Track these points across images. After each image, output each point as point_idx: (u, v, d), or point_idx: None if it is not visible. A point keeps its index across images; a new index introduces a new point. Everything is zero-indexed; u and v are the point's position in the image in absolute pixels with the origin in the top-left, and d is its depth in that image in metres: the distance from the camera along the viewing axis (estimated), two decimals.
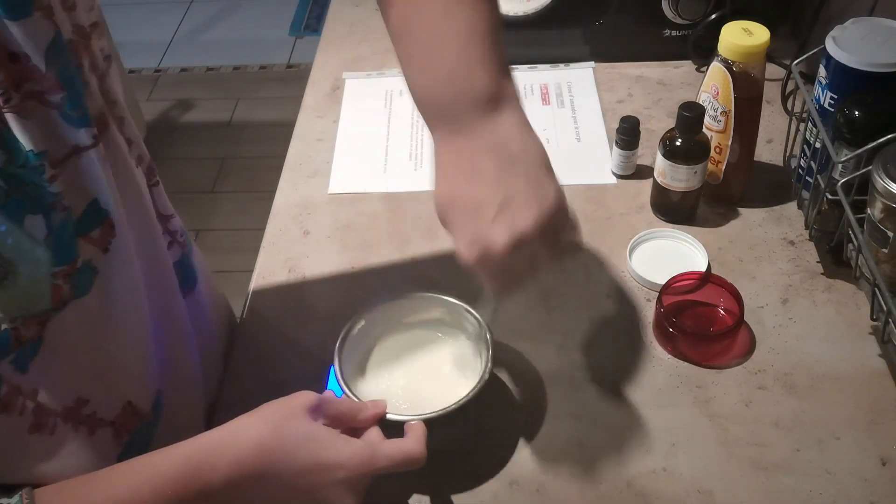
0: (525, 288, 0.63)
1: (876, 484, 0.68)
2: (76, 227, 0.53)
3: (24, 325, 0.50)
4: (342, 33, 1.26)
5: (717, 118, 0.87)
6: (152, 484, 0.53)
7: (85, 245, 0.54)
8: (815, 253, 0.87)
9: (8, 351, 0.49)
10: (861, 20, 0.80)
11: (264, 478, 0.56)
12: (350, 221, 0.95)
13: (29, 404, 0.52)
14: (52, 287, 0.51)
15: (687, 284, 0.82)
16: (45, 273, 0.50)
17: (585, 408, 0.75)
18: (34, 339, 0.51)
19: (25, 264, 0.48)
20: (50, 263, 0.50)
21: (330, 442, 0.59)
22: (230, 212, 2.36)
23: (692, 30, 1.10)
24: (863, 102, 0.76)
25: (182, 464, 0.54)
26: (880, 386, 0.75)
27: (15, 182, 0.48)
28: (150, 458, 0.55)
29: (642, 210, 0.93)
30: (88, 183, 0.54)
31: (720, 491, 0.68)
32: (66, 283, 0.53)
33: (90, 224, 0.54)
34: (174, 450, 0.55)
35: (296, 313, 0.85)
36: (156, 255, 0.66)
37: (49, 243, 0.50)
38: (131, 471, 0.54)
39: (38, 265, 0.49)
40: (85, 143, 0.53)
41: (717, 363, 0.77)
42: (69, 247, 0.52)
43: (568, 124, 1.06)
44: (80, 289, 0.54)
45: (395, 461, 0.60)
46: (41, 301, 0.50)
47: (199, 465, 0.54)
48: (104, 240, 0.56)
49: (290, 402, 0.60)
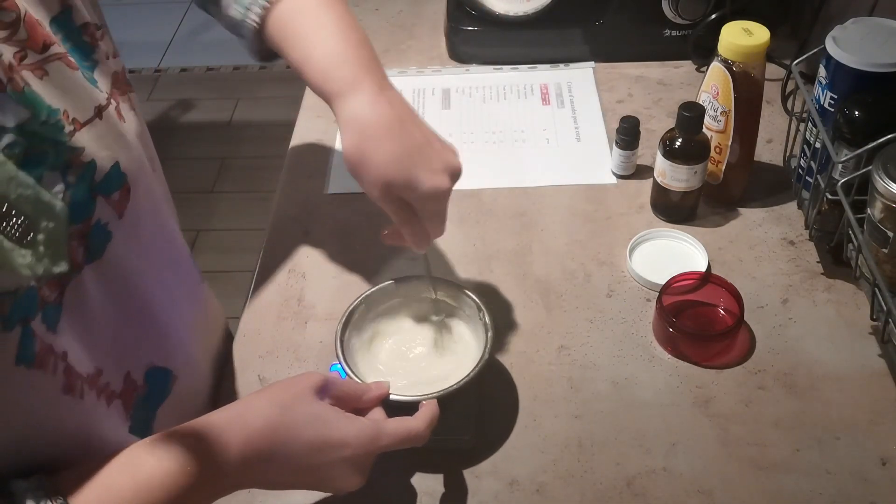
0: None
1: (876, 484, 0.68)
2: (97, 187, 0.55)
3: (47, 287, 0.52)
4: None
5: (717, 118, 0.87)
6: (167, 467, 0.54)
7: (102, 206, 0.56)
8: (815, 253, 0.87)
9: (36, 308, 0.51)
10: (861, 20, 0.80)
11: (273, 456, 0.57)
12: (350, 221, 0.95)
13: (60, 364, 0.53)
14: (70, 248, 0.53)
15: (687, 284, 0.82)
16: (63, 231, 0.51)
17: (585, 408, 0.75)
18: (56, 302, 0.53)
19: (46, 221, 0.50)
20: (67, 220, 0.52)
21: (336, 420, 0.60)
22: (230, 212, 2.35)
23: (692, 30, 1.10)
24: (863, 102, 0.76)
25: (194, 444, 0.55)
26: (880, 386, 0.75)
27: (36, 139, 0.50)
28: (163, 439, 0.55)
29: (642, 210, 0.93)
30: (110, 145, 0.56)
31: (720, 491, 0.68)
32: (81, 245, 0.55)
33: (109, 186, 0.57)
34: (184, 430, 0.56)
35: (296, 313, 0.85)
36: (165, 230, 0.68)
37: (66, 199, 0.52)
38: (147, 453, 0.55)
39: (57, 222, 0.51)
40: (104, 103, 0.57)
41: (717, 363, 0.77)
42: (86, 204, 0.54)
43: (568, 124, 1.06)
44: (93, 252, 0.56)
45: (398, 438, 0.62)
46: (59, 262, 0.51)
47: (210, 444, 0.55)
48: (121, 204, 0.58)
49: (297, 382, 0.62)
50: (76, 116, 0.54)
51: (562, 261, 0.88)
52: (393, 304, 0.76)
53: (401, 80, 1.15)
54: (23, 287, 0.49)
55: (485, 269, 0.88)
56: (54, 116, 0.52)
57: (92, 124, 0.55)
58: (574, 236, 0.91)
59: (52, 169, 0.52)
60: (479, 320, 0.73)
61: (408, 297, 0.76)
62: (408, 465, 0.71)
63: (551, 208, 0.95)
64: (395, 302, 0.76)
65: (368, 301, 0.75)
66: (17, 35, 0.51)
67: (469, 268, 0.88)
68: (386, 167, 0.64)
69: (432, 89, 1.13)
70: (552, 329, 0.82)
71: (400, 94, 0.68)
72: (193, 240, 2.28)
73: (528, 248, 0.90)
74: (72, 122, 0.53)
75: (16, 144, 0.49)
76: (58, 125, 0.52)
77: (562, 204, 0.95)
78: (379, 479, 0.70)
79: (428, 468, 0.71)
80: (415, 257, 0.77)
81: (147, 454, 0.55)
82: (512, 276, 0.87)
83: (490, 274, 0.87)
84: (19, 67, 0.51)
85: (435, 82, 1.15)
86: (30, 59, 0.52)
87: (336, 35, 0.69)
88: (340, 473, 0.60)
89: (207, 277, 0.82)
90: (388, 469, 0.71)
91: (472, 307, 0.74)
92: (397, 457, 0.71)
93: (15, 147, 0.49)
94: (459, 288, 0.75)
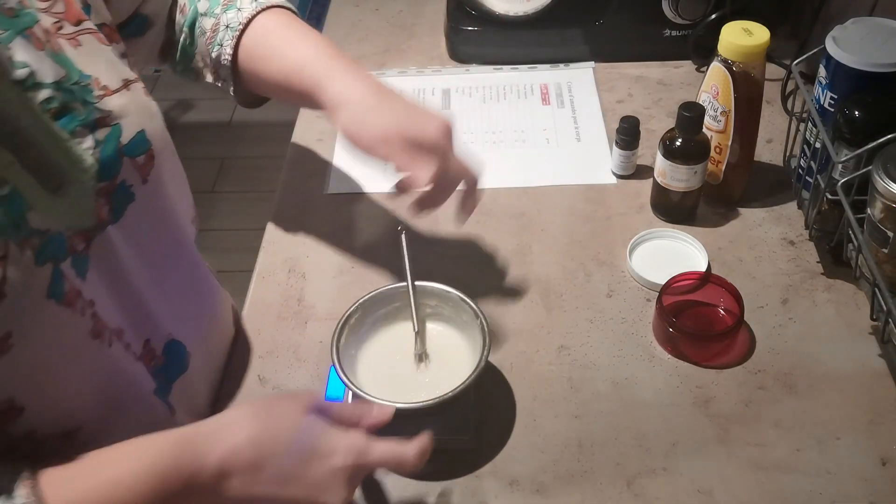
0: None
1: (876, 484, 0.68)
2: (124, 148, 0.59)
3: (76, 237, 0.56)
4: (342, 33, 1.26)
5: (717, 118, 0.87)
6: (147, 462, 0.55)
7: (128, 167, 0.60)
8: (815, 253, 0.87)
9: (65, 252, 0.55)
10: (861, 20, 0.80)
11: (258, 466, 0.57)
12: (350, 221, 0.95)
13: (88, 310, 0.56)
14: (96, 206, 0.57)
15: (687, 284, 0.82)
16: (92, 186, 0.56)
17: (585, 408, 0.75)
18: (84, 253, 0.56)
19: (77, 174, 0.55)
20: (96, 176, 0.57)
21: (323, 431, 0.60)
22: (230, 212, 2.35)
23: (692, 30, 1.10)
24: (863, 102, 0.76)
25: (177, 443, 0.56)
26: (880, 386, 0.75)
27: (69, 97, 0.55)
28: (149, 438, 0.56)
29: (642, 210, 0.93)
30: (136, 114, 0.61)
31: (720, 491, 0.68)
32: (106, 203, 0.58)
33: (135, 149, 0.61)
34: (173, 433, 0.57)
35: (296, 313, 0.85)
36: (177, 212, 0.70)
37: (96, 156, 0.57)
38: (131, 449, 0.56)
39: (87, 176, 0.56)
40: (131, 78, 0.63)
41: (717, 363, 0.77)
42: (113, 163, 0.58)
43: (568, 124, 1.06)
44: (116, 212, 0.60)
45: (388, 455, 0.61)
46: (87, 217, 0.56)
47: (194, 447, 0.56)
48: (146, 168, 0.62)
49: (285, 398, 0.62)
50: (106, 84, 0.59)
51: (562, 261, 0.88)
52: (390, 310, 0.76)
53: (401, 80, 1.15)
54: (53, 230, 0.53)
55: (485, 269, 0.88)
56: (85, 79, 0.57)
57: (120, 93, 0.60)
58: (574, 236, 0.91)
59: (83, 126, 0.56)
60: (476, 324, 0.73)
61: (405, 302, 0.76)
62: None
63: (551, 208, 0.95)
64: (392, 307, 0.76)
65: (365, 306, 0.75)
66: (55, 7, 0.58)
67: (469, 268, 0.88)
68: (387, 124, 0.69)
69: (432, 89, 1.13)
70: (552, 329, 0.82)
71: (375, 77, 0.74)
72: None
73: (528, 248, 0.90)
74: (102, 88, 0.59)
75: (52, 99, 0.54)
76: (88, 88, 0.57)
77: (562, 204, 0.95)
78: (379, 480, 0.71)
79: (428, 469, 0.71)
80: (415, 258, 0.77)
81: (123, 457, 0.55)
82: (512, 276, 0.87)
83: (490, 274, 0.87)
84: (56, 35, 0.57)
85: (435, 82, 1.15)
86: (65, 29, 0.58)
87: (305, 42, 0.75)
88: (329, 484, 0.58)
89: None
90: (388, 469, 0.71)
91: (470, 311, 0.74)
92: None
93: (51, 102, 0.54)
94: (457, 292, 0.75)
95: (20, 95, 0.52)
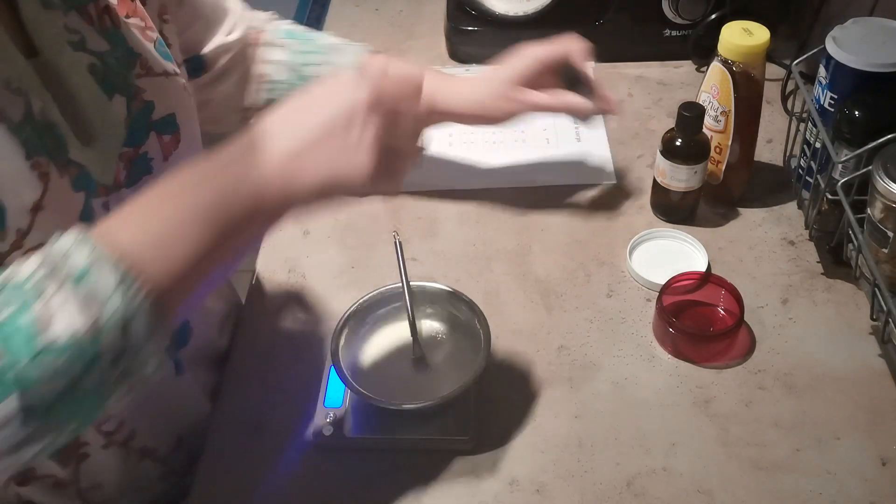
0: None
1: (876, 484, 0.68)
2: (153, 124, 0.65)
3: (100, 189, 0.61)
4: (342, 33, 1.25)
5: (717, 118, 0.87)
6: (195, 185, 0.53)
7: (153, 141, 0.66)
8: (815, 253, 0.87)
9: (95, 190, 0.61)
10: (861, 20, 0.80)
11: (275, 116, 0.54)
12: (350, 221, 0.95)
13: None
14: (116, 168, 0.63)
15: (687, 284, 0.82)
16: (117, 146, 0.63)
17: (585, 408, 0.75)
18: (105, 208, 0.62)
19: (107, 132, 0.61)
20: (122, 141, 0.63)
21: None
22: None
23: (692, 30, 1.10)
24: (863, 102, 0.76)
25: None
26: (880, 386, 0.75)
27: (111, 69, 0.62)
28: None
29: (642, 210, 0.93)
30: (171, 99, 0.67)
31: (720, 491, 0.68)
32: (125, 168, 0.64)
33: (164, 127, 0.67)
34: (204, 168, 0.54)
35: (296, 313, 0.85)
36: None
37: (126, 123, 0.63)
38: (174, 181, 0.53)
39: (115, 137, 0.62)
40: (171, 72, 0.68)
41: (717, 363, 0.77)
42: (140, 133, 0.64)
43: (568, 124, 1.06)
44: (131, 178, 0.64)
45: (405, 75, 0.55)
46: (107, 175, 0.62)
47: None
48: (169, 147, 0.67)
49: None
50: (149, 66, 0.65)
51: (562, 261, 0.88)
52: (390, 310, 0.76)
53: None
54: (87, 167, 0.60)
55: (485, 269, 0.88)
56: (131, 57, 0.64)
57: (158, 78, 0.66)
58: (574, 236, 0.91)
59: (120, 94, 0.63)
60: (476, 324, 0.73)
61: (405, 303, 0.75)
62: (408, 466, 0.71)
63: (551, 208, 0.95)
64: (392, 307, 0.76)
65: (365, 306, 0.75)
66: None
67: (469, 268, 0.88)
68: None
69: None
70: (552, 329, 0.82)
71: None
72: None
73: (528, 248, 0.90)
74: (144, 68, 0.65)
75: (96, 68, 0.61)
76: (129, 64, 0.64)
77: (562, 204, 0.95)
78: (379, 480, 0.71)
79: (428, 468, 0.71)
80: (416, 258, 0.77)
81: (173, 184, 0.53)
82: (512, 276, 0.87)
83: (490, 274, 0.87)
84: (109, 14, 0.63)
85: None
86: (120, 16, 0.64)
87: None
88: (352, 136, 0.52)
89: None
90: (388, 469, 0.71)
91: (470, 311, 0.74)
92: (397, 456, 0.72)
93: (95, 70, 0.61)
94: (456, 292, 0.75)
95: (71, 55, 0.59)
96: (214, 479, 0.72)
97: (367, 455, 0.72)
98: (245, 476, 0.72)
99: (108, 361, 0.46)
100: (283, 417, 0.75)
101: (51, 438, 0.47)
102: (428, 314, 0.77)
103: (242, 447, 0.74)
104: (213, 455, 0.74)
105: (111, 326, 0.46)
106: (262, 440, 0.74)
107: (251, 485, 0.71)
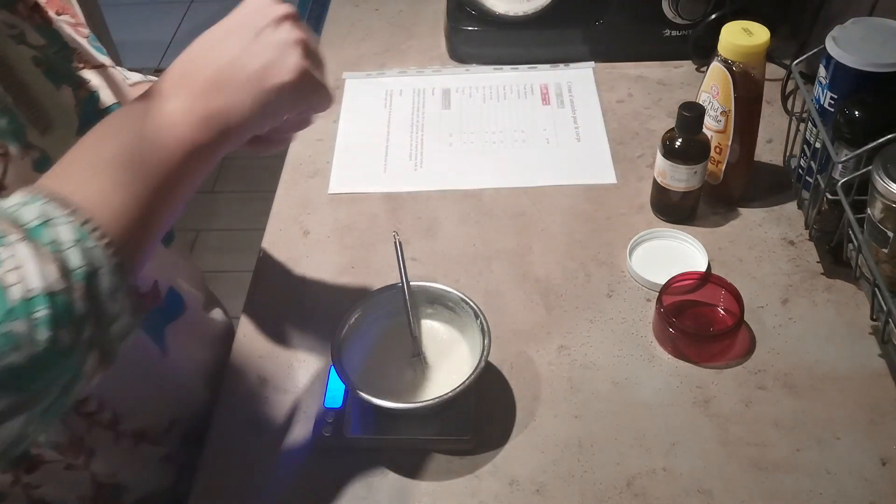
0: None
1: (876, 484, 0.68)
2: (102, 111, 0.66)
3: None
4: (342, 33, 1.26)
5: (717, 118, 0.87)
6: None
7: None
8: (815, 253, 0.87)
9: None
10: (861, 20, 0.80)
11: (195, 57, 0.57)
12: (350, 221, 0.95)
13: None
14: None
15: (687, 284, 0.82)
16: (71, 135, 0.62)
17: (585, 408, 0.75)
18: None
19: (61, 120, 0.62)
20: (75, 128, 0.63)
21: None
22: (230, 212, 2.35)
23: (692, 30, 1.10)
24: (863, 102, 0.76)
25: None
26: (880, 386, 0.75)
27: (51, 59, 0.63)
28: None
29: (642, 210, 0.93)
30: (114, 88, 0.69)
31: (720, 491, 0.68)
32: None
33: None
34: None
35: (296, 313, 0.85)
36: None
37: (77, 112, 0.64)
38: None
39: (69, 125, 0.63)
40: (107, 64, 0.70)
41: (717, 363, 0.77)
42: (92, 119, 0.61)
43: (568, 124, 1.06)
44: None
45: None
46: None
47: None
48: None
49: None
50: (86, 60, 0.67)
51: (562, 261, 0.88)
52: (390, 310, 0.76)
53: (401, 80, 1.15)
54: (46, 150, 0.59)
55: (485, 269, 0.88)
56: (65, 51, 0.65)
57: (96, 70, 0.68)
58: (574, 236, 0.91)
59: (67, 84, 0.64)
60: (476, 324, 0.73)
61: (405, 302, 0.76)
62: (408, 466, 0.71)
63: (551, 208, 0.95)
64: (392, 307, 0.76)
65: (365, 306, 0.75)
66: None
67: (469, 268, 0.88)
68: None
69: (432, 89, 1.13)
70: (552, 329, 0.82)
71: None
72: (193, 240, 2.28)
73: (528, 248, 0.90)
74: (82, 61, 0.67)
75: (39, 60, 0.62)
76: (68, 57, 0.65)
77: (562, 204, 0.95)
78: (379, 480, 0.71)
79: (428, 468, 0.71)
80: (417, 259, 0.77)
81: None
82: (512, 276, 0.87)
83: (490, 274, 0.87)
84: (38, 14, 0.64)
85: (435, 82, 1.15)
86: (50, 13, 0.65)
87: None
88: (286, 46, 0.55)
89: (207, 277, 0.82)
90: (388, 469, 0.71)
91: (470, 311, 0.74)
92: (397, 456, 0.72)
93: (39, 62, 0.62)
94: (456, 292, 0.75)
95: (15, 48, 0.60)
96: (215, 479, 0.72)
97: (367, 455, 0.72)
98: (245, 476, 0.72)
99: (76, 320, 0.45)
100: (283, 417, 0.75)
101: (29, 414, 0.45)
102: (428, 314, 0.77)
103: (243, 447, 0.74)
104: (213, 455, 0.74)
105: (76, 279, 0.45)
106: (263, 440, 0.74)
107: (251, 485, 0.71)
